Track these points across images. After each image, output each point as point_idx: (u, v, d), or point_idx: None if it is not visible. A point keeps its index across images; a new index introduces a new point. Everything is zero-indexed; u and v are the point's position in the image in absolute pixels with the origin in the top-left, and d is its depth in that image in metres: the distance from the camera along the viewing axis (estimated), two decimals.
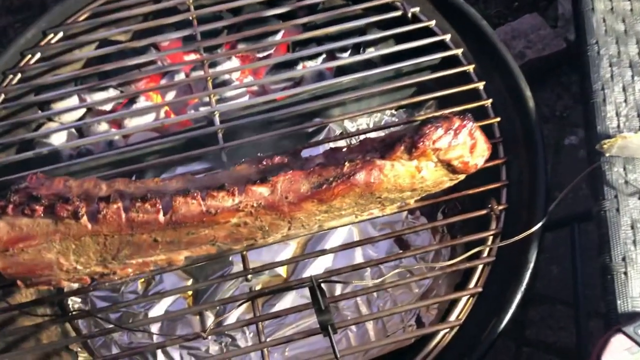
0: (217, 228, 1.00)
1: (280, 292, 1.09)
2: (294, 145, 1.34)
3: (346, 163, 0.98)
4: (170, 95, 1.41)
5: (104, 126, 1.41)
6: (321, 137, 1.36)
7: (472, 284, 1.03)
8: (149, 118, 1.39)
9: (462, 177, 1.04)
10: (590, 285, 1.35)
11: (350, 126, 1.41)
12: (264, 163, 1.05)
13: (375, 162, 0.97)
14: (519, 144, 1.16)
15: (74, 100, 1.41)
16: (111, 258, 1.02)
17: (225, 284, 1.27)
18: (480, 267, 1.04)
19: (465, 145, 0.96)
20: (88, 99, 1.38)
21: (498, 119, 1.18)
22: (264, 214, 0.99)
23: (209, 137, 1.23)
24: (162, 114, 1.40)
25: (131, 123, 1.38)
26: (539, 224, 1.02)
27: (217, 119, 1.23)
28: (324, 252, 1.09)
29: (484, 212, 1.09)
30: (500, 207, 1.09)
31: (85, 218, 0.96)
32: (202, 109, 1.34)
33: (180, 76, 1.40)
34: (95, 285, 1.08)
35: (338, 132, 1.39)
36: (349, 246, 1.08)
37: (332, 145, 1.24)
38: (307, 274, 1.25)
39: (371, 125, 1.43)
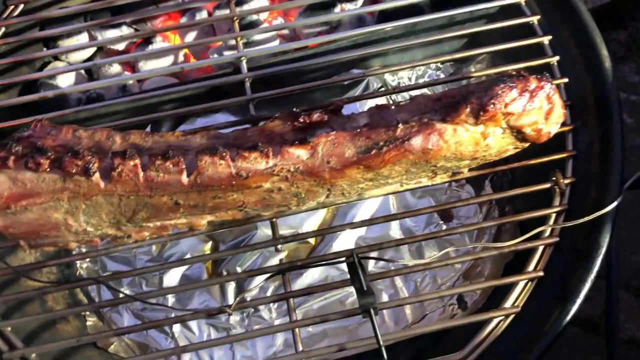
0: (247, 193, 0.88)
1: (315, 266, 0.98)
2: (326, 99, 1.21)
3: (399, 125, 0.84)
4: (191, 37, 1.26)
5: (116, 68, 1.26)
6: (358, 91, 1.22)
7: (531, 267, 0.91)
8: (166, 61, 1.24)
9: (527, 145, 0.90)
10: None
11: (390, 80, 1.26)
12: (301, 120, 0.91)
13: (435, 125, 0.83)
14: (589, 109, 1.02)
15: (83, 38, 1.27)
16: (126, 220, 0.90)
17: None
18: (541, 248, 0.92)
19: (541, 111, 0.82)
20: (99, 36, 1.24)
21: (565, 80, 1.03)
22: (301, 179, 0.86)
23: (235, 86, 1.09)
24: (180, 57, 1.26)
25: (146, 66, 1.23)
26: (614, 203, 0.90)
27: (244, 66, 1.09)
28: (366, 222, 0.96)
29: (547, 185, 0.96)
30: (567, 181, 0.96)
31: (97, 175, 0.84)
32: (226, 53, 1.19)
33: (203, 15, 1.25)
34: (108, 250, 0.96)
35: (376, 85, 1.24)
36: (391, 218, 0.96)
37: (375, 102, 1.10)
38: (338, 243, 1.13)
39: (413, 80, 1.29)
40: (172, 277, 1.15)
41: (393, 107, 0.94)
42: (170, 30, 1.21)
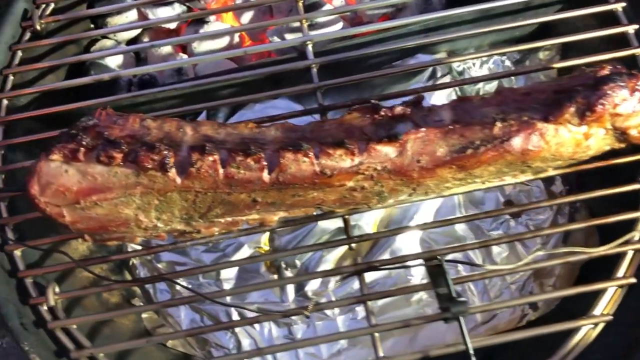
0: (328, 191, 0.83)
1: (395, 268, 0.93)
2: (389, 84, 1.16)
3: (497, 123, 0.79)
4: (246, 17, 1.20)
5: (166, 49, 1.20)
6: (424, 77, 1.16)
7: (620, 272, 0.87)
8: (220, 43, 1.18)
9: (623, 146, 0.85)
10: None
11: (455, 65, 1.20)
12: (382, 114, 0.86)
13: (536, 124, 0.78)
14: None
15: (132, 15, 1.20)
16: (198, 216, 0.86)
17: (304, 241, 1.11)
18: (631, 253, 0.88)
19: None
20: (150, 14, 1.17)
21: None
22: (387, 178, 0.81)
23: (296, 71, 1.03)
24: (235, 39, 1.19)
25: (200, 47, 1.17)
26: None
27: (310, 51, 1.02)
28: (446, 222, 0.92)
29: (636, 186, 0.91)
30: None
31: (174, 170, 0.79)
32: (288, 36, 1.13)
33: None
34: (176, 245, 0.92)
35: (442, 72, 1.18)
36: (472, 217, 0.92)
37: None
38: (402, 237, 1.09)
39: (477, 65, 1.22)
40: (229, 269, 1.11)
41: (477, 99, 0.89)
42: (226, 11, 1.14)
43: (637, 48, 1.00)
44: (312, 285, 1.09)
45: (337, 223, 1.09)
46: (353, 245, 0.92)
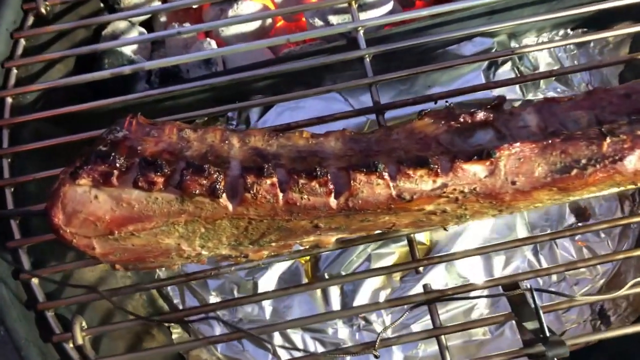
0: (403, 215, 0.71)
1: (468, 298, 0.83)
2: (440, 75, 1.03)
3: (607, 139, 0.67)
4: None
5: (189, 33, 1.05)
6: (484, 64, 1.03)
7: None
8: (250, 25, 1.03)
9: None
10: None
11: (513, 45, 1.07)
12: (461, 120, 0.74)
13: None
14: None
15: None
16: (248, 243, 0.74)
17: (348, 251, 1.01)
18: None
19: None
20: None
21: None
22: (474, 201, 0.70)
23: (348, 63, 0.89)
24: (268, 20, 1.05)
25: (228, 31, 1.02)
26: None
27: (362, 38, 0.89)
28: (517, 242, 0.81)
29: None
30: None
31: (225, 196, 0.67)
32: (332, 18, 0.99)
33: None
34: (218, 271, 0.81)
35: (501, 60, 1.05)
36: (551, 237, 0.81)
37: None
38: (461, 242, 0.99)
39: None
40: (268, 281, 1.00)
41: (564, 101, 0.77)
42: None
43: None
44: (360, 299, 0.99)
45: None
46: (421, 268, 0.81)
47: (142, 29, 1.08)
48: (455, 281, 0.99)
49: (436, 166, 0.67)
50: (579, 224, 1.01)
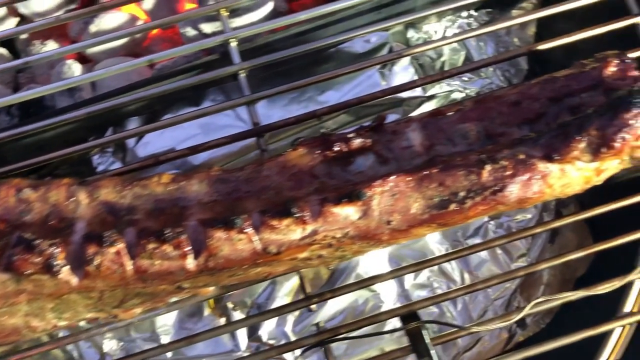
0: (276, 264, 0.64)
1: (365, 336, 0.77)
2: (336, 67, 0.95)
3: (486, 166, 0.61)
4: (149, 3, 0.94)
5: (51, 45, 0.94)
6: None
7: (627, 308, 0.74)
8: (121, 40, 0.92)
9: None
10: None
11: (415, 37, 0.99)
12: (336, 149, 0.67)
13: (536, 166, 0.60)
14: None
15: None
16: (111, 308, 0.66)
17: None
18: (638, 283, 0.74)
19: None
20: (23, 9, 0.90)
21: None
22: (349, 244, 0.63)
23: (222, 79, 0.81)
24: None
25: (96, 47, 0.91)
26: None
27: (234, 50, 0.79)
28: (424, 264, 0.75)
29: None
30: None
31: (66, 270, 0.59)
32: (204, 27, 0.89)
33: None
34: (89, 333, 0.73)
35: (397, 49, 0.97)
36: (455, 256, 0.75)
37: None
38: (365, 262, 0.93)
39: (441, 33, 1.01)
40: (167, 315, 0.94)
41: (452, 112, 0.70)
42: (123, 4, 0.86)
43: (637, 16, 0.81)
44: (268, 326, 0.93)
45: None
46: (313, 306, 0.75)
47: (3, 50, 0.96)
48: (366, 295, 0.93)
49: (303, 213, 0.60)
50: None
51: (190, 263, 0.60)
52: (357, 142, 0.67)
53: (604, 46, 0.82)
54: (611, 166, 0.62)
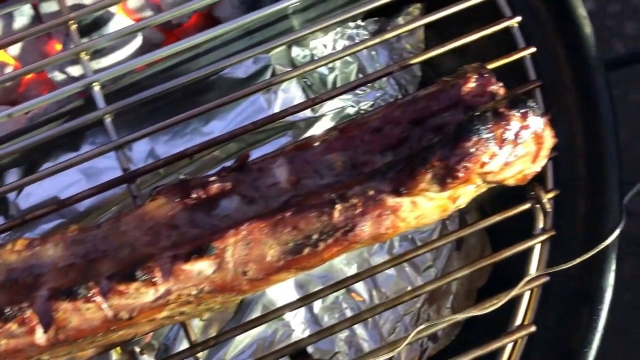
0: (138, 326, 0.62)
1: None
2: (220, 96, 0.92)
3: (337, 206, 0.59)
4: (16, 48, 0.90)
5: None
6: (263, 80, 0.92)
7: (518, 321, 0.73)
8: None
9: None
10: None
11: (300, 55, 0.96)
12: (194, 196, 0.64)
13: (386, 201, 0.58)
14: (566, 90, 0.78)
15: None
16: None
17: None
18: (527, 295, 0.73)
19: (527, 157, 0.58)
20: None
21: (532, 50, 0.78)
22: (210, 297, 0.61)
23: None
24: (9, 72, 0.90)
25: None
26: (616, 232, 0.70)
27: (98, 94, 0.76)
28: (333, 287, 0.73)
29: (526, 205, 0.74)
30: (549, 195, 0.75)
31: None
32: (71, 70, 0.85)
33: (24, 13, 0.87)
34: None
35: (283, 69, 0.94)
36: (367, 275, 0.73)
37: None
38: (274, 287, 0.91)
39: (330, 47, 0.99)
40: None
41: (318, 143, 0.68)
42: None
43: (511, 18, 0.80)
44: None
45: None
46: (200, 355, 0.72)
47: None
48: (274, 324, 0.91)
49: (152, 274, 0.58)
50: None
51: (40, 338, 0.58)
52: (214, 187, 0.64)
53: (492, 48, 0.82)
54: (466, 192, 0.60)
